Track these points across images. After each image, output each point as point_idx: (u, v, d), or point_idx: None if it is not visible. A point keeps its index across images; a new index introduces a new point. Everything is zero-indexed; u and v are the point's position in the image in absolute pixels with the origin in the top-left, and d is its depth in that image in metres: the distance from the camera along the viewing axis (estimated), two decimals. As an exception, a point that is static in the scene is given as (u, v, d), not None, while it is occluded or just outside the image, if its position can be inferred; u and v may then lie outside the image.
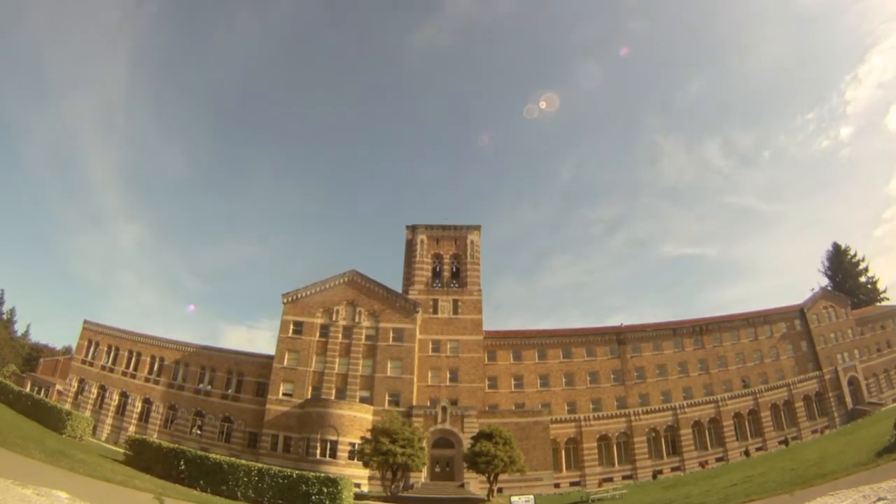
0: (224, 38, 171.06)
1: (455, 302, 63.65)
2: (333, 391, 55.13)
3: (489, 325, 63.77)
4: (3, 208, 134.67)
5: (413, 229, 68.99)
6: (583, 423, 58.16)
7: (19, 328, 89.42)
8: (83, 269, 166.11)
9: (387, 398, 55.05)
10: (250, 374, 58.58)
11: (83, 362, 61.42)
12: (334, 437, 49.86)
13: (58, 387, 63.91)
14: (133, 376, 59.77)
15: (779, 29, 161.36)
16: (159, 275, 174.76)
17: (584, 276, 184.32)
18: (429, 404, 55.45)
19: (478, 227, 69.12)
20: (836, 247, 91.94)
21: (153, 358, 60.55)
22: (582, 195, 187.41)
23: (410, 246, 68.20)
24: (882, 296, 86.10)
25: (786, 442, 59.14)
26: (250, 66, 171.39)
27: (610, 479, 55.11)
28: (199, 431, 56.65)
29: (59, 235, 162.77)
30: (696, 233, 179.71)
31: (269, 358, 57.52)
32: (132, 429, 55.00)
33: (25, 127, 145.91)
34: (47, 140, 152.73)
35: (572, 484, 54.97)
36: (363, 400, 54.49)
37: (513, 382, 62.02)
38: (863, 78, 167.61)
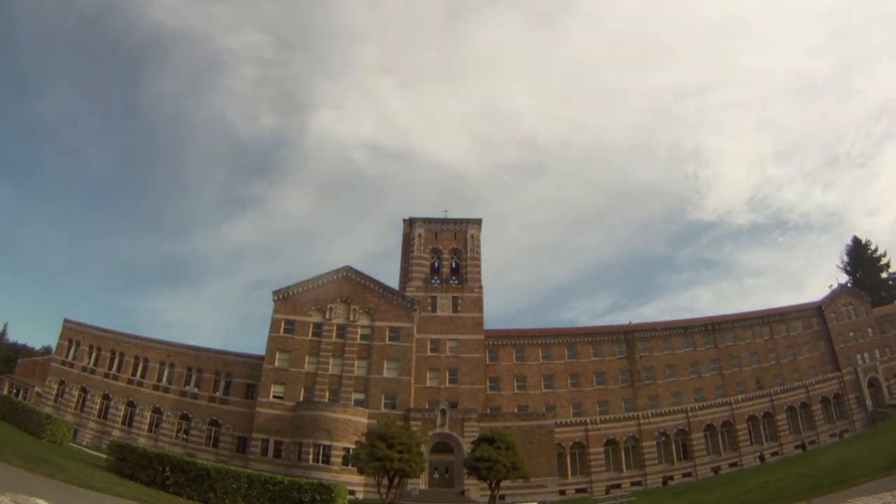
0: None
1: (455, 299, 63.59)
2: (327, 393, 55.13)
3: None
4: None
5: (411, 223, 68.86)
6: (589, 427, 58.19)
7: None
8: (64, 264, 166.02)
9: (383, 401, 55.07)
10: (239, 375, 58.57)
11: (63, 363, 61.40)
12: (328, 442, 49.92)
13: (37, 389, 63.90)
14: (116, 378, 59.75)
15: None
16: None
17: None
18: (427, 407, 55.54)
19: (478, 221, 68.98)
20: (857, 241, 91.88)
21: (137, 359, 60.49)
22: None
23: (408, 240, 68.07)
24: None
25: (803, 446, 59.31)
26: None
27: (618, 486, 55.25)
28: (185, 436, 56.71)
29: (42, 229, 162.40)
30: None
31: (259, 358, 57.47)
32: (116, 433, 55.00)
33: None
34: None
35: (578, 491, 55.13)
36: (358, 403, 54.51)
37: (515, 383, 62.10)
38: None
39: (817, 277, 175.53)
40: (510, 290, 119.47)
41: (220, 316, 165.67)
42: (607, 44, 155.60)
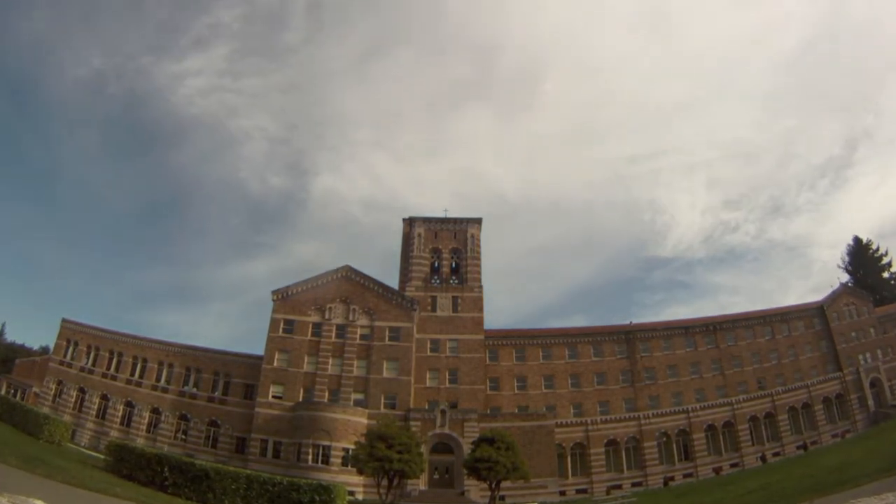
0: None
1: (455, 299, 63.58)
2: (326, 393, 55.16)
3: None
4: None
5: (410, 222, 68.83)
6: (590, 427, 58.24)
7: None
8: (61, 263, 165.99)
9: (383, 401, 55.07)
10: (238, 375, 58.59)
11: (61, 363, 61.33)
12: (327, 442, 49.93)
13: (35, 389, 63.86)
14: (114, 378, 59.74)
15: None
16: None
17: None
18: (427, 407, 55.53)
19: (479, 220, 68.97)
20: (858, 241, 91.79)
21: (135, 359, 60.50)
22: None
23: (408, 240, 68.04)
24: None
25: (804, 447, 59.34)
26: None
27: (618, 486, 55.31)
28: (184, 436, 56.72)
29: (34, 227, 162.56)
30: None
31: (258, 358, 57.49)
32: (114, 433, 54.99)
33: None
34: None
35: (578, 491, 55.19)
36: (357, 403, 54.52)
37: (516, 384, 62.08)
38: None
39: (793, 294, 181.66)
40: (489, 315, 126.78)
41: (222, 330, 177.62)
42: (564, 126, 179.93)
